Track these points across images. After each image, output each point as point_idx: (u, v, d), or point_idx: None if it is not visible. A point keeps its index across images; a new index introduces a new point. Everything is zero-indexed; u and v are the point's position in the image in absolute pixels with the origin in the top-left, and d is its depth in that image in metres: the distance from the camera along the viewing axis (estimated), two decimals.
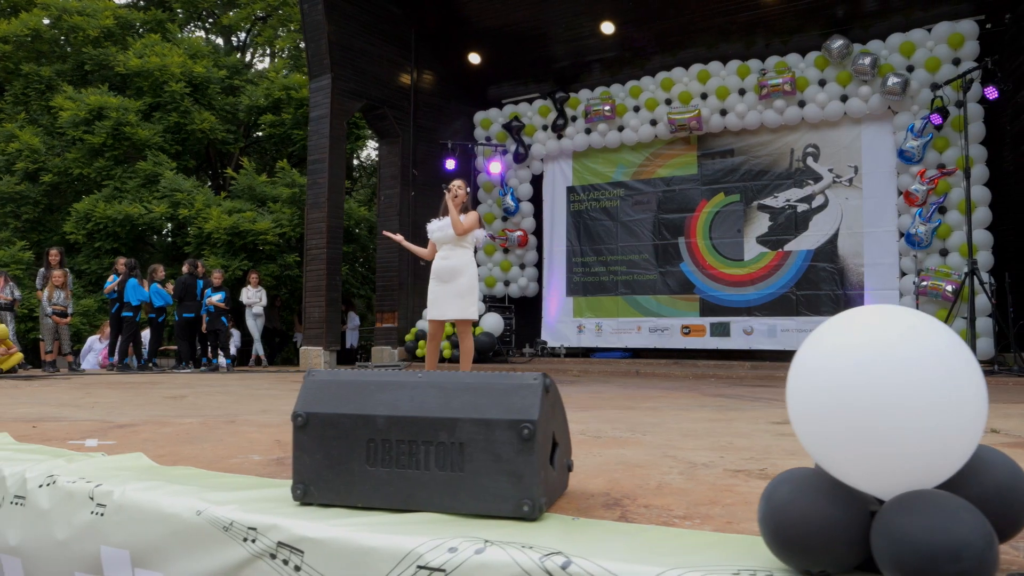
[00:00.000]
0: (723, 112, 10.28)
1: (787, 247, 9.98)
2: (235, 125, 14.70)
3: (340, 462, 1.96)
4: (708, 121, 10.32)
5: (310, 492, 1.97)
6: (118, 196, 12.79)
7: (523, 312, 11.94)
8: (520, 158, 11.98)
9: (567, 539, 1.69)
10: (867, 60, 9.18)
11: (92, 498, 2.17)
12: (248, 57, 17.54)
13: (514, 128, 12.00)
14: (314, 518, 1.87)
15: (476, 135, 12.46)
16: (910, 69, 9.16)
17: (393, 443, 1.92)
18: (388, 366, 10.73)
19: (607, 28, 10.65)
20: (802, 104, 9.76)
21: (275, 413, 4.18)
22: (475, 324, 5.32)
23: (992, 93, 7.94)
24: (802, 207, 9.92)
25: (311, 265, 10.27)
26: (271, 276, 12.48)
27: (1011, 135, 8.90)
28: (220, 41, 17.39)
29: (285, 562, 1.81)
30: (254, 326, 11.58)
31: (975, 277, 7.72)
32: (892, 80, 9.00)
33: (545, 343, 11.64)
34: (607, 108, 11.04)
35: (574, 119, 11.57)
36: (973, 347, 7.85)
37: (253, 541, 1.86)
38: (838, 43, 9.38)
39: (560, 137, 11.71)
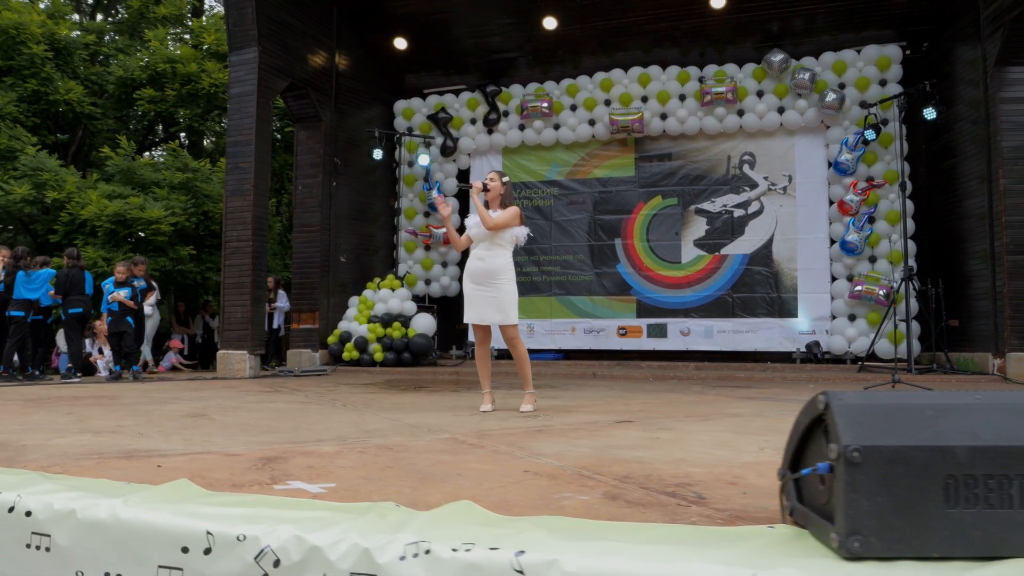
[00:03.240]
0: (663, 116, 10.41)
1: (724, 251, 10.29)
2: (102, 98, 12.87)
3: (909, 505, 1.58)
4: (649, 124, 10.41)
5: (870, 544, 1.57)
6: None
7: (444, 312, 11.41)
8: (448, 151, 11.46)
9: None
10: (806, 75, 9.66)
11: (521, 571, 1.63)
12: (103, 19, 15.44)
13: (441, 120, 11.46)
14: None
15: (396, 124, 11.78)
16: (841, 86, 9.75)
17: (979, 479, 1.58)
18: (314, 370, 9.83)
19: (549, 23, 10.43)
20: (741, 113, 10.10)
21: (393, 433, 3.55)
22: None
23: (931, 114, 8.61)
24: (738, 212, 10.26)
25: (232, 259, 9.16)
26: (160, 271, 11.03)
27: (927, 154, 9.73)
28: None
29: None
30: (143, 327, 10.13)
31: (911, 283, 8.33)
32: (830, 96, 9.53)
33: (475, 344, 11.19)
34: (545, 105, 10.83)
35: (506, 114, 11.25)
36: (909, 349, 8.48)
37: None
38: (779, 57, 9.79)
39: (491, 132, 11.34)
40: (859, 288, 9.34)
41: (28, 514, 2.02)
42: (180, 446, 3.06)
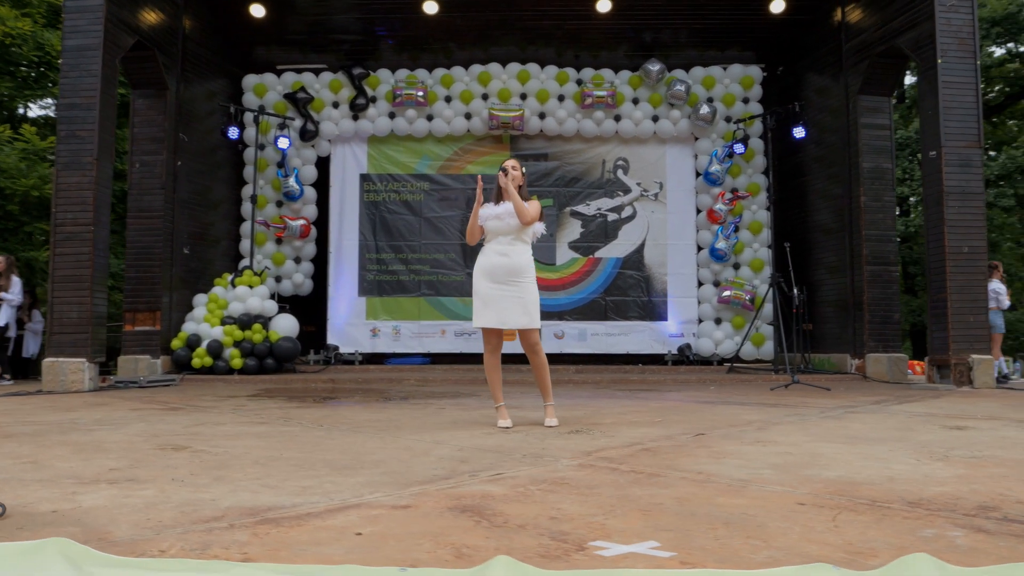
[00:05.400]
0: (542, 115, 10.30)
1: (598, 254, 10.39)
2: None
3: None
4: (528, 122, 10.24)
5: None
6: None
7: (296, 313, 10.34)
8: (308, 136, 10.43)
9: None
10: (682, 87, 10.05)
11: None
12: None
13: (300, 100, 10.41)
14: None
15: (245, 101, 10.51)
16: (710, 100, 10.28)
17: None
18: (161, 380, 8.40)
19: (430, 8, 9.85)
20: (618, 118, 10.27)
21: (501, 464, 2.99)
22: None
23: (800, 132, 9.33)
24: (612, 216, 10.43)
25: (65, 247, 7.52)
26: None
27: (779, 170, 10.54)
28: None
29: None
30: None
31: (780, 288, 8.96)
32: (704, 109, 10.00)
33: (337, 348, 10.29)
34: (420, 94, 10.24)
35: (374, 100, 10.48)
36: (775, 350, 9.13)
37: None
38: (657, 66, 10.09)
39: (357, 118, 10.50)
40: (728, 293, 9.89)
41: None
42: (297, 500, 2.28)
